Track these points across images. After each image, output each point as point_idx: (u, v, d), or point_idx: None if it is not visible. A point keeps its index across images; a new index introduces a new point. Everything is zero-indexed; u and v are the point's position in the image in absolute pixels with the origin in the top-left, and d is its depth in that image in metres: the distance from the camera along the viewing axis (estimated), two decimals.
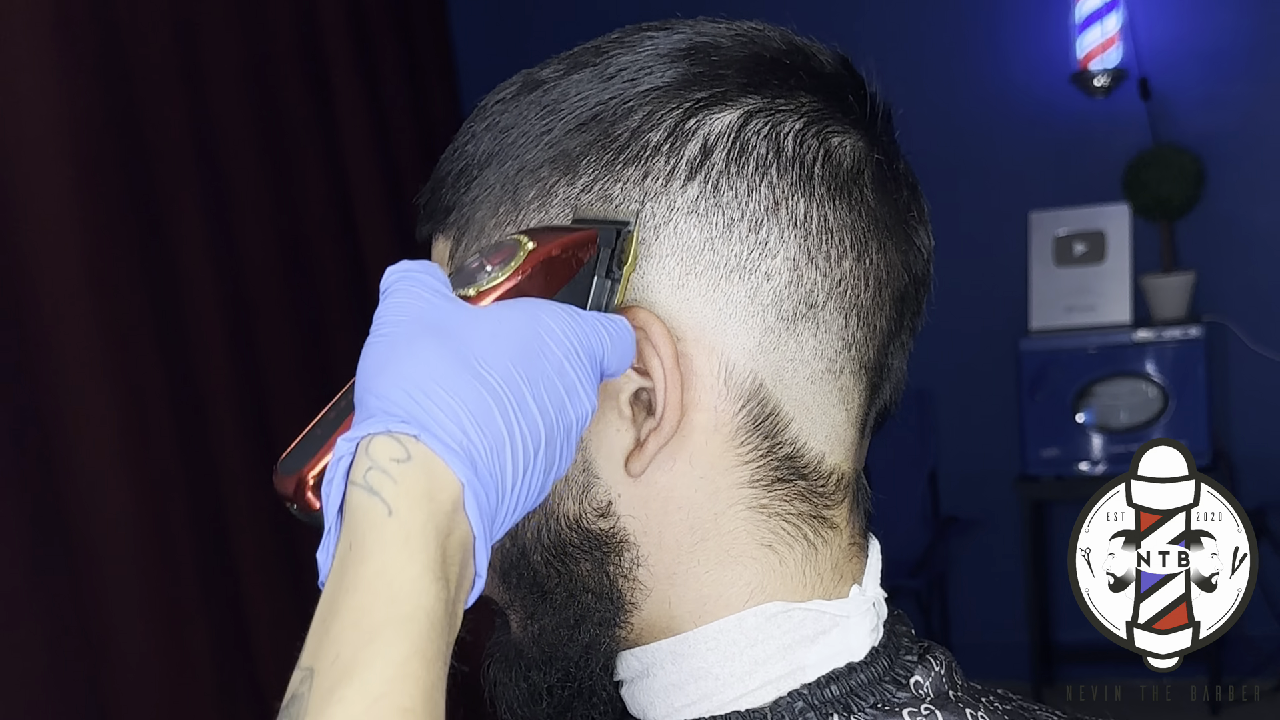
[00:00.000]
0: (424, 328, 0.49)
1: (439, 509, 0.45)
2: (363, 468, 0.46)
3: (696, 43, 0.58)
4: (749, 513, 0.57)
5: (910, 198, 0.60)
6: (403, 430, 0.46)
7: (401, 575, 0.44)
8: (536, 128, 0.57)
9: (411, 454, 0.46)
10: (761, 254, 0.56)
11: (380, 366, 0.48)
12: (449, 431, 0.46)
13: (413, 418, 0.46)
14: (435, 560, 0.45)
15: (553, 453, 0.50)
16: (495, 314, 0.51)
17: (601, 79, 0.57)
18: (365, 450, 0.46)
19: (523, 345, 0.50)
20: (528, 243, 0.53)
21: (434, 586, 0.44)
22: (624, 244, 0.55)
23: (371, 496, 0.45)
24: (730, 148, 0.56)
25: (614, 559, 0.57)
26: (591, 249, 0.54)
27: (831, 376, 0.58)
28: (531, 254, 0.53)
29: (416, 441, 0.46)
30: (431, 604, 0.44)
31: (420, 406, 0.47)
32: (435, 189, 0.61)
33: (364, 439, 0.47)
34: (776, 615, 0.57)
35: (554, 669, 0.60)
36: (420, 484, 0.45)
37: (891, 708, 0.57)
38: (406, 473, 0.45)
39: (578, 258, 0.54)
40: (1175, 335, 3.34)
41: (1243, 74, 3.48)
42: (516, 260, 0.53)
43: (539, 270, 0.53)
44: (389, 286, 0.52)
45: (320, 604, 0.45)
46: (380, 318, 0.51)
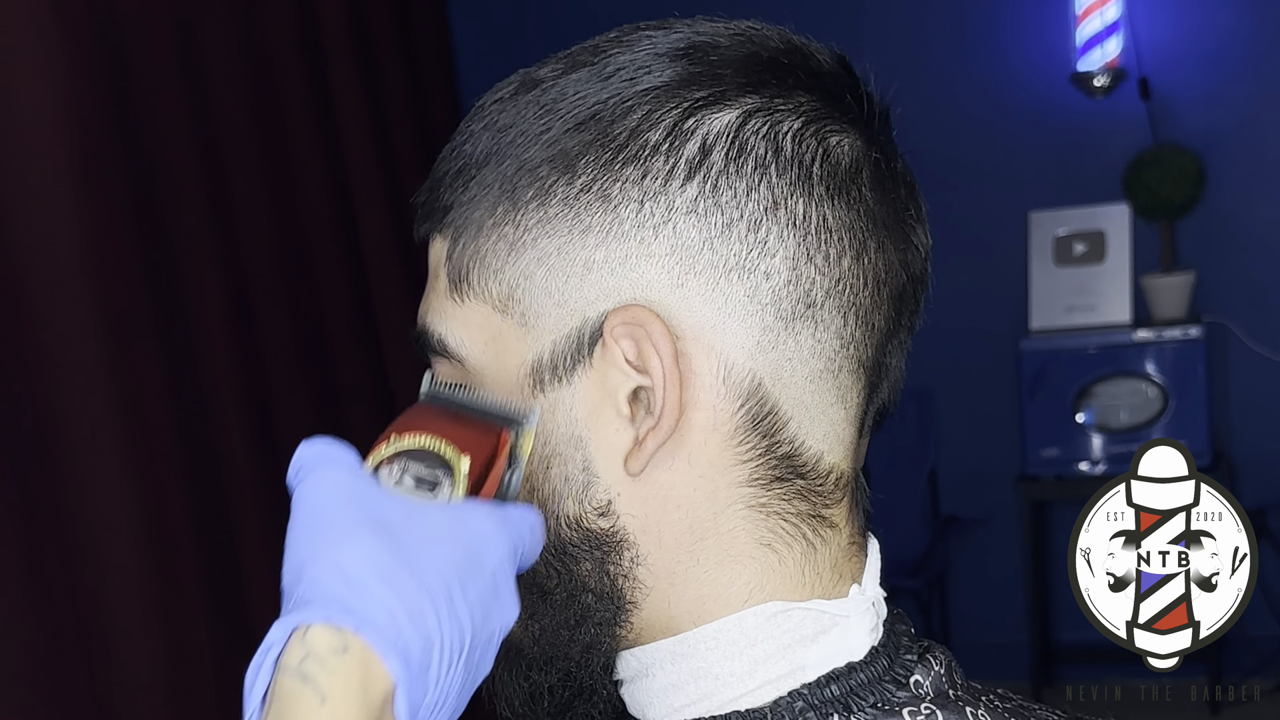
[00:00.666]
0: (361, 516, 0.50)
1: (371, 701, 0.46)
2: (298, 655, 0.46)
3: (695, 42, 0.58)
4: (748, 512, 0.57)
5: (908, 196, 0.60)
6: (342, 621, 0.46)
7: None
8: (535, 127, 0.57)
9: (349, 646, 0.46)
10: (760, 253, 0.56)
11: (316, 552, 0.49)
12: (384, 626, 0.47)
13: (352, 610, 0.47)
14: None
15: (473, 659, 0.51)
16: (433, 516, 0.52)
17: (600, 78, 0.57)
18: (301, 638, 0.46)
19: (459, 550, 0.51)
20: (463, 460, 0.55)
21: None
22: (522, 438, 0.57)
23: (304, 685, 0.45)
24: (729, 147, 0.56)
25: (614, 558, 0.58)
26: (506, 448, 0.56)
27: (830, 375, 0.58)
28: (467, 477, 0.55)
29: (354, 634, 0.46)
30: None
31: (360, 600, 0.47)
32: (433, 188, 0.61)
33: (300, 627, 0.47)
34: (776, 615, 0.57)
35: (554, 668, 0.60)
36: (355, 677, 0.46)
37: (891, 707, 0.57)
38: (342, 664, 0.46)
39: (497, 461, 0.56)
40: (1175, 335, 3.34)
41: (1243, 74, 3.48)
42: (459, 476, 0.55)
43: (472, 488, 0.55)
44: (308, 464, 0.53)
45: None
46: (307, 497, 0.51)
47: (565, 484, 0.57)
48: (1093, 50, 3.43)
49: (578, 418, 0.57)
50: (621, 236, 0.56)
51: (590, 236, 0.56)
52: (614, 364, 0.56)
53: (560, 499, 0.57)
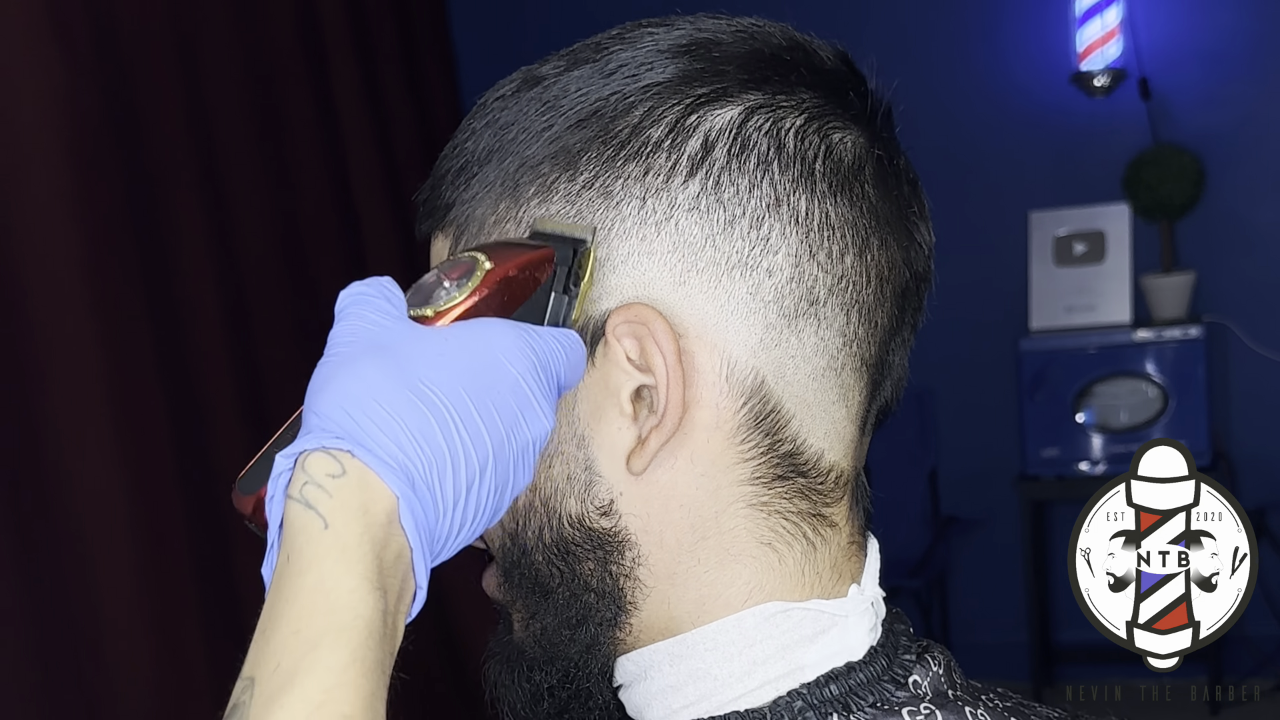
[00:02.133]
0: (369, 347, 0.50)
1: (374, 521, 0.46)
2: (299, 483, 0.47)
3: (697, 39, 0.58)
4: (749, 510, 0.57)
5: (911, 193, 0.60)
6: (337, 446, 0.47)
7: (339, 586, 0.45)
8: (537, 124, 0.57)
9: (346, 469, 0.47)
10: (763, 250, 0.55)
11: (322, 386, 0.49)
12: (383, 446, 0.47)
13: (347, 433, 0.47)
14: (372, 571, 0.45)
15: (504, 471, 0.50)
16: (445, 333, 0.51)
17: (602, 75, 0.57)
18: (302, 466, 0.47)
19: (472, 364, 0.50)
20: (485, 261, 0.54)
21: (371, 597, 0.45)
22: (580, 260, 0.55)
23: (308, 511, 0.46)
24: (731, 144, 0.56)
25: (616, 558, 0.57)
26: (549, 267, 0.55)
27: (832, 373, 0.58)
28: (489, 273, 0.53)
29: (351, 457, 0.47)
30: (370, 614, 0.45)
31: (355, 423, 0.47)
32: (435, 186, 0.61)
33: (301, 455, 0.48)
34: (775, 615, 0.57)
35: (554, 669, 0.60)
36: (355, 497, 0.46)
37: (891, 707, 0.57)
38: (341, 487, 0.46)
39: (535, 276, 0.54)
40: (1175, 335, 3.34)
41: (1243, 74, 3.48)
42: (474, 279, 0.53)
43: (497, 289, 0.53)
44: (341, 310, 0.53)
45: (261, 616, 0.46)
46: (332, 340, 0.52)
47: (568, 483, 0.57)
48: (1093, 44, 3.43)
49: (580, 416, 0.56)
50: (623, 234, 0.56)
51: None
52: (617, 363, 0.55)
53: (563, 498, 0.57)
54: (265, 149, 2.64)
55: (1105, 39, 3.42)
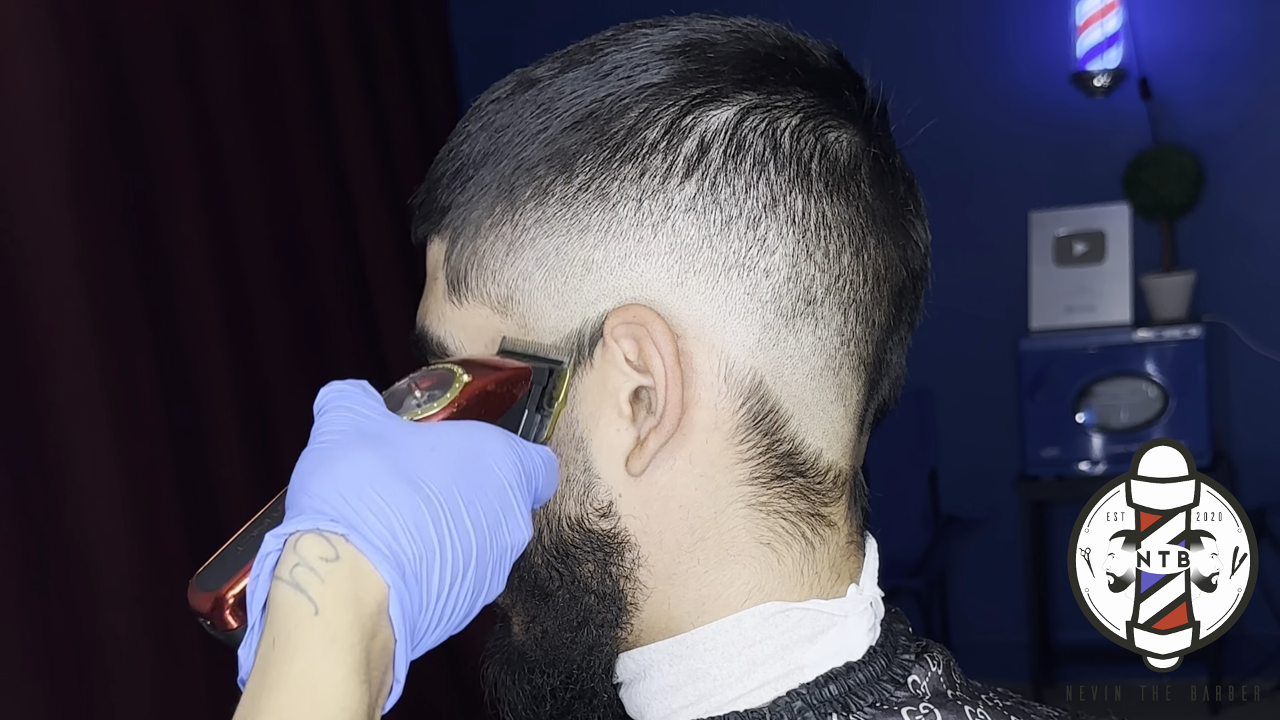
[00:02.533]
0: (361, 436, 0.50)
1: (365, 611, 0.45)
2: (289, 564, 0.46)
3: (692, 39, 0.58)
4: (748, 510, 0.57)
5: (907, 192, 0.60)
6: (332, 529, 0.46)
7: (327, 677, 0.44)
8: (532, 126, 0.57)
9: (340, 554, 0.46)
10: (760, 251, 0.55)
11: (313, 469, 0.49)
12: (378, 534, 0.46)
13: (343, 517, 0.46)
14: (360, 663, 0.45)
15: (483, 574, 0.50)
16: (436, 430, 0.52)
17: (597, 76, 0.57)
18: (293, 547, 0.46)
19: (462, 463, 0.50)
20: (463, 375, 0.54)
21: (358, 690, 0.44)
22: (555, 381, 0.55)
23: (298, 594, 0.45)
24: (727, 144, 0.56)
25: (616, 559, 0.57)
26: (525, 384, 0.55)
27: (830, 373, 0.58)
28: (467, 387, 0.54)
29: (345, 541, 0.46)
30: (356, 707, 0.44)
31: (351, 507, 0.47)
32: (430, 189, 0.60)
33: (292, 536, 0.47)
34: (774, 615, 0.57)
35: (557, 671, 0.60)
36: (347, 584, 0.45)
37: (890, 707, 0.57)
38: (333, 571, 0.45)
39: (511, 393, 0.55)
40: (1175, 335, 3.34)
41: (1243, 74, 3.48)
42: (452, 392, 0.53)
43: (473, 403, 0.54)
44: (324, 404, 0.52)
45: (242, 700, 0.45)
46: (317, 432, 0.51)
47: (567, 485, 0.57)
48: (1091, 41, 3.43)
49: (579, 419, 0.56)
50: (620, 235, 0.55)
51: (589, 236, 0.56)
52: (615, 364, 0.55)
53: (562, 500, 0.57)
54: (264, 149, 2.64)
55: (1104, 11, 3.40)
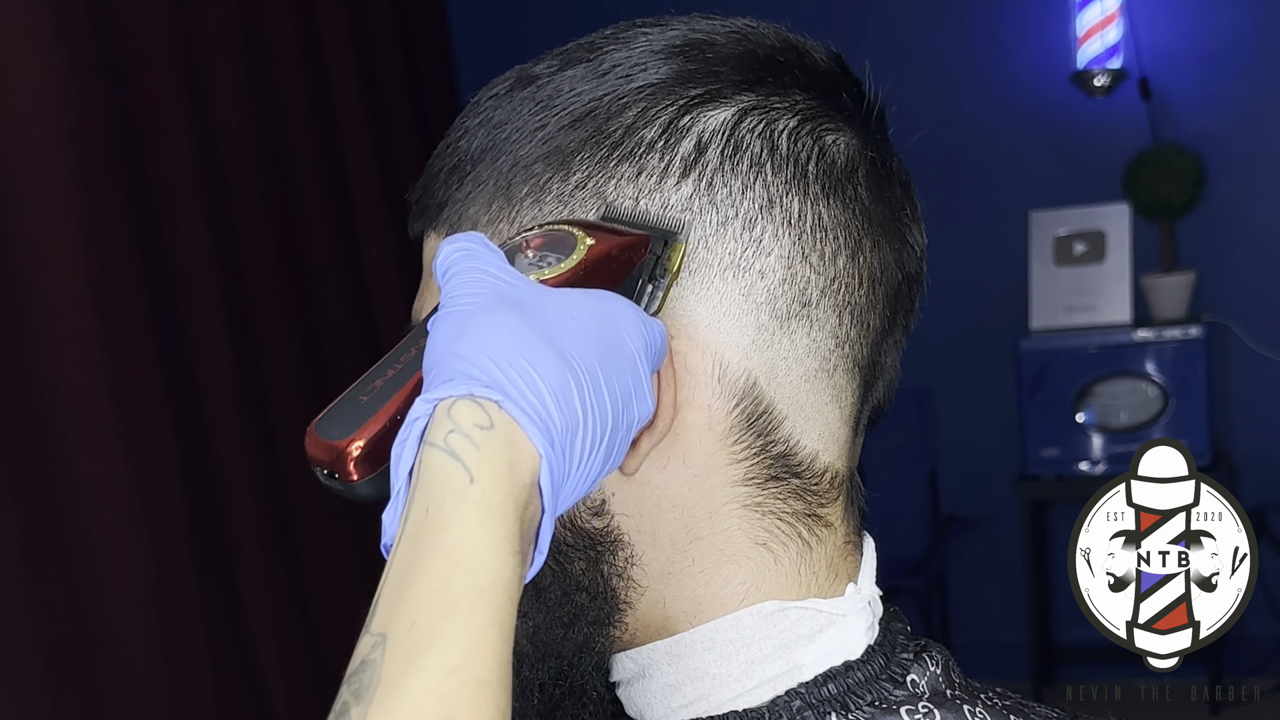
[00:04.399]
0: (502, 301, 0.48)
1: (519, 482, 0.45)
2: (443, 430, 0.44)
3: (691, 39, 0.58)
4: (743, 511, 0.57)
5: (904, 195, 0.60)
6: (486, 395, 0.45)
7: (481, 547, 0.43)
8: (530, 124, 0.57)
9: (495, 421, 0.45)
10: (755, 252, 0.55)
11: (459, 332, 0.47)
12: (530, 403, 0.45)
13: (496, 384, 0.45)
14: (514, 534, 0.44)
15: (612, 445, 0.49)
16: (572, 297, 0.50)
17: (596, 75, 0.57)
18: (447, 413, 0.45)
19: (599, 332, 0.49)
20: (585, 237, 0.53)
21: (511, 560, 0.43)
22: (670, 252, 0.54)
23: (453, 461, 0.44)
24: (725, 145, 0.55)
25: (608, 558, 0.57)
26: (642, 253, 0.54)
27: (825, 375, 0.58)
28: (591, 249, 0.52)
29: (499, 409, 0.45)
30: (509, 578, 0.43)
31: (504, 375, 0.45)
32: (428, 185, 0.60)
33: (445, 401, 0.45)
34: (772, 614, 0.57)
35: (547, 665, 0.59)
36: (503, 454, 0.44)
37: (889, 706, 0.57)
38: (489, 440, 0.44)
39: (630, 260, 0.54)
40: (1175, 335, 3.34)
41: (1243, 74, 3.48)
42: (577, 254, 0.52)
43: (596, 267, 0.52)
44: (451, 264, 0.51)
45: (392, 568, 0.44)
46: (451, 293, 0.49)
47: None
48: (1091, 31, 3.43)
49: None
50: None
51: None
52: None
53: None
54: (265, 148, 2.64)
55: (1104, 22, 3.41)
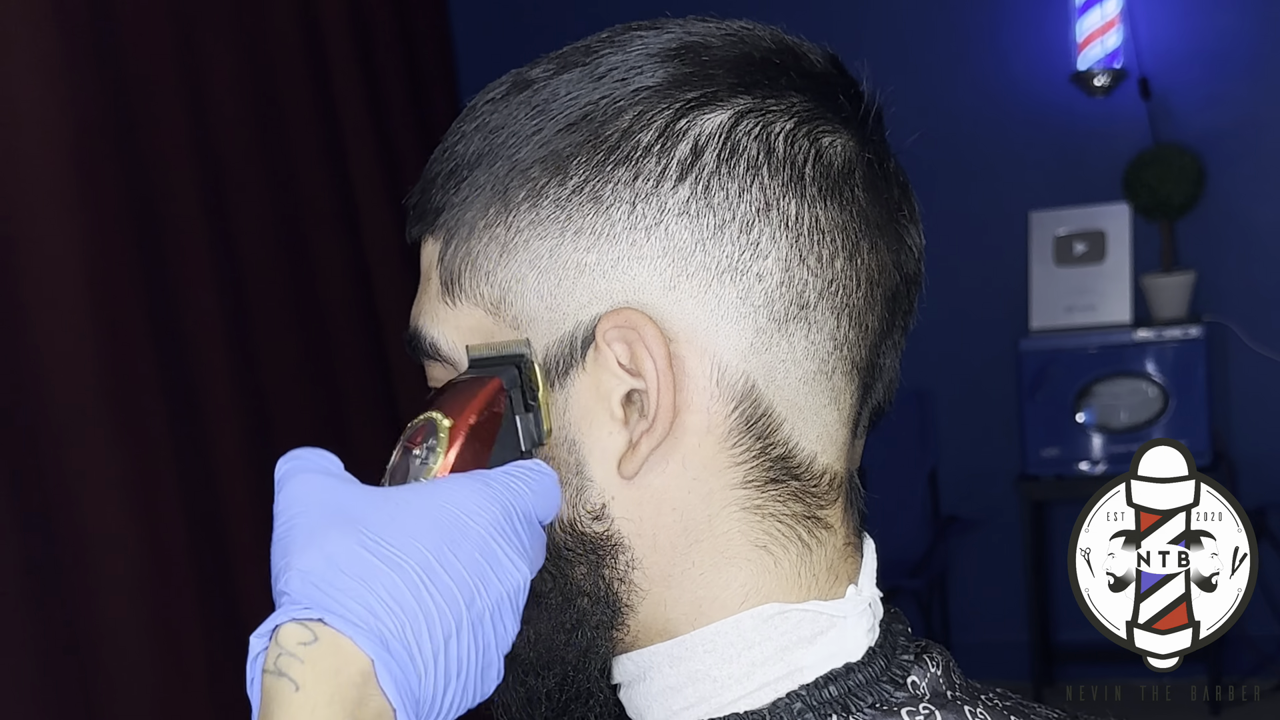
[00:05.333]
0: (326, 516, 0.51)
1: (346, 682, 0.47)
2: (274, 655, 0.47)
3: (687, 42, 0.58)
4: (742, 514, 0.57)
5: (901, 197, 0.60)
6: (306, 616, 0.48)
7: None
8: (527, 128, 0.57)
9: (318, 635, 0.47)
10: (753, 255, 0.55)
11: (284, 559, 0.50)
12: (353, 611, 0.48)
13: (316, 604, 0.48)
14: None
15: (483, 626, 0.51)
16: (400, 495, 0.52)
17: (592, 79, 0.57)
18: (276, 640, 0.48)
19: (432, 523, 0.51)
20: (443, 420, 0.54)
21: None
22: (528, 375, 0.55)
23: (280, 679, 0.47)
24: (721, 148, 0.55)
25: (609, 562, 0.57)
26: (503, 395, 0.55)
27: (823, 377, 0.58)
28: (453, 430, 0.54)
29: (322, 624, 0.47)
30: None
31: (323, 593, 0.48)
32: (425, 190, 0.60)
33: (274, 630, 0.48)
34: (773, 617, 0.57)
35: (551, 673, 0.60)
36: (326, 661, 0.47)
37: (890, 707, 0.57)
38: (312, 653, 0.47)
39: (494, 412, 0.55)
40: (1175, 335, 3.34)
41: (1243, 74, 3.48)
42: (441, 441, 0.54)
43: (467, 441, 0.54)
44: (282, 476, 0.54)
45: None
46: (279, 511, 0.52)
47: (559, 488, 0.57)
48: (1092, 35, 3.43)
49: (571, 421, 0.56)
50: (613, 239, 0.55)
51: (582, 239, 0.56)
52: (607, 367, 0.55)
53: None
54: (266, 148, 2.64)
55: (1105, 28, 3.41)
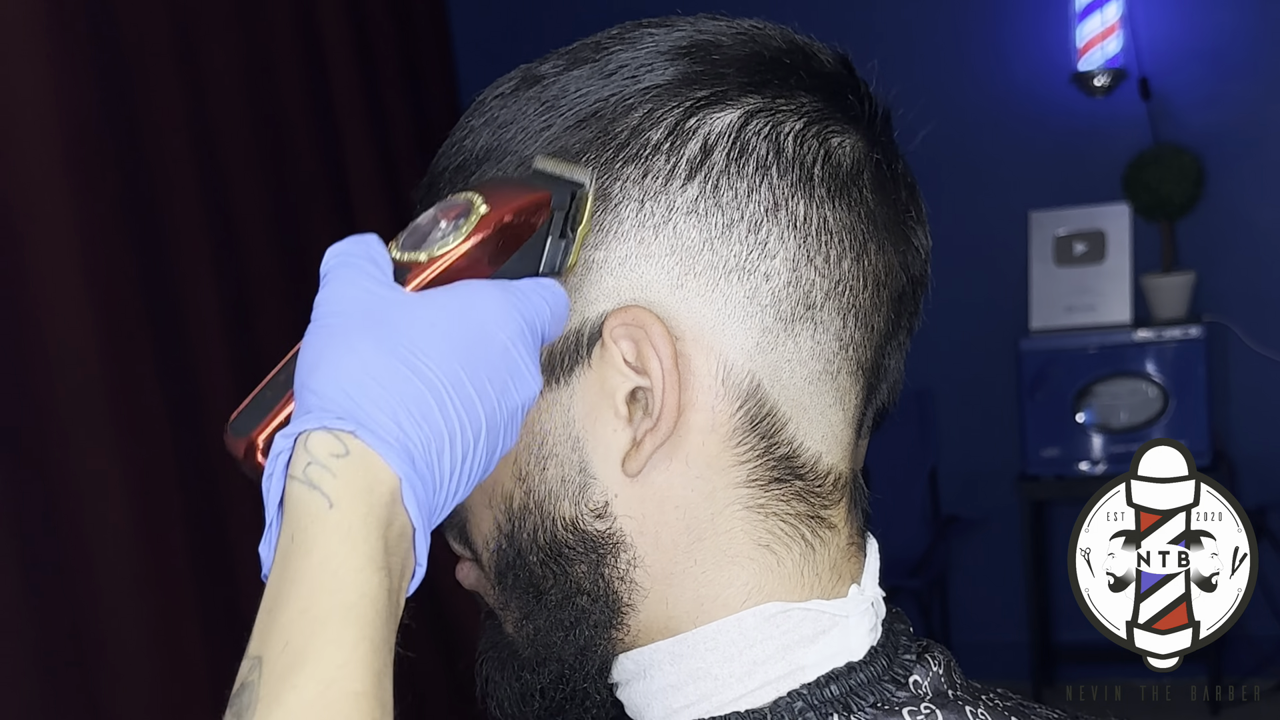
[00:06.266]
0: (361, 319, 0.50)
1: (378, 501, 0.46)
2: (302, 463, 0.47)
3: (697, 40, 0.58)
4: (746, 513, 0.57)
5: (909, 198, 0.60)
6: (339, 426, 0.47)
7: (345, 566, 0.45)
8: (535, 124, 0.57)
9: (349, 449, 0.47)
10: (761, 255, 0.55)
11: (316, 361, 0.49)
12: (385, 427, 0.47)
13: (349, 414, 0.47)
14: (377, 550, 0.46)
15: (495, 437, 0.51)
16: (434, 301, 0.51)
17: (601, 75, 0.57)
18: (304, 445, 0.47)
19: (463, 333, 0.50)
20: (480, 204, 0.53)
21: (376, 576, 0.46)
22: (578, 204, 0.54)
23: (312, 491, 0.46)
24: (730, 148, 0.55)
25: (610, 560, 0.57)
26: (546, 210, 0.54)
27: (829, 377, 0.58)
28: (485, 217, 0.53)
29: (353, 437, 0.47)
30: (375, 592, 0.45)
31: (355, 403, 0.47)
32: (432, 183, 0.60)
33: (302, 435, 0.47)
34: (775, 615, 0.57)
35: (548, 670, 0.60)
36: (359, 478, 0.46)
37: (891, 707, 0.57)
38: (345, 467, 0.46)
39: (531, 221, 0.54)
40: (1175, 335, 3.34)
41: (1243, 74, 3.48)
42: (469, 224, 0.53)
43: (493, 234, 0.53)
44: (326, 271, 0.52)
45: (265, 595, 0.46)
46: (318, 305, 0.51)
47: (562, 485, 0.57)
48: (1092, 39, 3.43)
49: (575, 418, 0.56)
50: (621, 236, 0.55)
51: (590, 236, 0.56)
52: (613, 365, 0.55)
53: (557, 500, 0.57)
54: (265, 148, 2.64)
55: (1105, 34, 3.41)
